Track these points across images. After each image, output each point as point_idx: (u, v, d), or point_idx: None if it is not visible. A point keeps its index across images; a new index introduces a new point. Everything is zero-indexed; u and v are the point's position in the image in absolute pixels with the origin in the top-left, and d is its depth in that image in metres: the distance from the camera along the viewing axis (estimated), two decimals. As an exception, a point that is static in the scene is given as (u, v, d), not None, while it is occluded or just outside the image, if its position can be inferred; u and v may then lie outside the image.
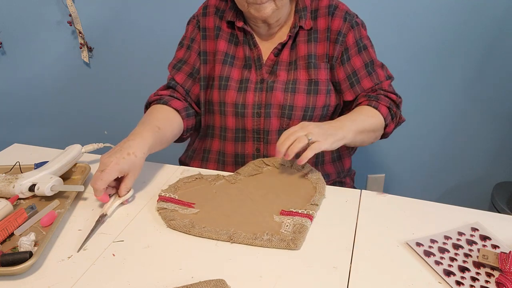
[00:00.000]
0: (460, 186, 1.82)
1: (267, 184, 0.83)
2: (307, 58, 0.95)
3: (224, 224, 0.71)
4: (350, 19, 0.96)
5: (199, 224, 0.71)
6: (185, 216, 0.74)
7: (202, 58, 1.01)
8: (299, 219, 0.70)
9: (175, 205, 0.77)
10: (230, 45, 1.00)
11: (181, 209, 0.76)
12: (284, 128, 0.95)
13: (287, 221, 0.71)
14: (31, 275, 0.63)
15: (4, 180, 0.82)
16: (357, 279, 0.60)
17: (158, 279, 0.61)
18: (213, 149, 1.04)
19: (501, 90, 1.59)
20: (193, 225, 0.71)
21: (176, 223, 0.71)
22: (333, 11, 0.96)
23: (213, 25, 1.01)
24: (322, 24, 0.96)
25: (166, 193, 0.80)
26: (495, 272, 0.60)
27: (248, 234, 0.68)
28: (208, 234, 0.69)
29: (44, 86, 1.75)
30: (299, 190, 0.80)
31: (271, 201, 0.77)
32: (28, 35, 1.65)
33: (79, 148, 0.92)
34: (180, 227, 0.71)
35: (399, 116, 0.98)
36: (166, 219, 0.73)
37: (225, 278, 0.60)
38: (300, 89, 0.94)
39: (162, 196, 0.79)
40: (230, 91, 0.96)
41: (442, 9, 1.45)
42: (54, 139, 1.83)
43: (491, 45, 1.50)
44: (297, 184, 0.82)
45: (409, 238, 0.67)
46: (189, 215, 0.74)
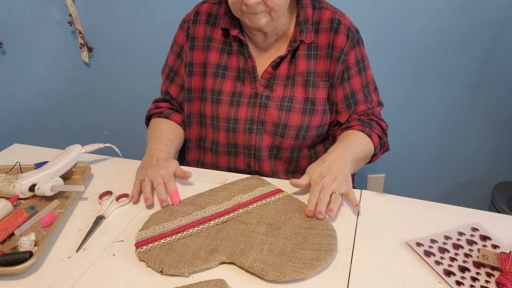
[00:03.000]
0: (460, 186, 1.82)
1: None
2: (305, 75, 0.91)
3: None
4: (352, 37, 0.92)
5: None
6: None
7: (187, 70, 0.98)
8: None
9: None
10: (222, 55, 0.95)
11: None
12: (276, 145, 0.94)
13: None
14: (31, 275, 0.63)
15: (4, 180, 0.82)
16: (357, 279, 0.60)
17: (158, 279, 0.61)
18: (206, 161, 1.02)
19: (501, 91, 1.59)
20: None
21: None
22: (336, 26, 0.91)
23: (203, 34, 0.96)
24: (323, 40, 0.92)
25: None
26: (495, 272, 0.60)
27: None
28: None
29: (44, 86, 1.76)
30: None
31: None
32: (28, 35, 1.65)
33: (79, 148, 0.92)
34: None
35: (386, 145, 0.98)
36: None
37: (225, 278, 0.60)
38: (296, 108, 0.91)
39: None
40: (222, 106, 0.93)
41: (442, 10, 1.45)
42: (54, 139, 1.83)
43: (491, 45, 1.50)
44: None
45: (409, 238, 0.67)
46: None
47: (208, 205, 0.77)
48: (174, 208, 0.77)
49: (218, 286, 0.58)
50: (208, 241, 0.67)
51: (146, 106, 1.08)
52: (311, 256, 0.62)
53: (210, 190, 0.82)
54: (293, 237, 0.67)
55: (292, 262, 0.61)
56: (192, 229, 0.70)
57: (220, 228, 0.70)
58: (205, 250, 0.65)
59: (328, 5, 0.95)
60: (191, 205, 0.77)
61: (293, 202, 0.77)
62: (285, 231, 0.68)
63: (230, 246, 0.65)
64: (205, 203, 0.78)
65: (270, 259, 0.62)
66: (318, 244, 0.64)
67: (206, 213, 0.75)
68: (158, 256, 0.64)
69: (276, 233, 0.68)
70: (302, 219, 0.72)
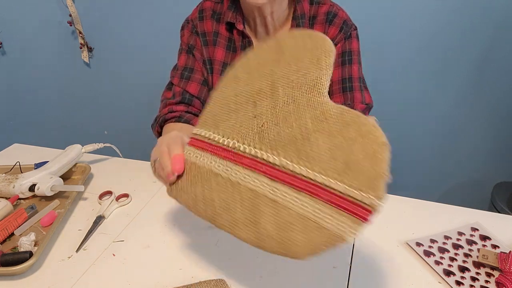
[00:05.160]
0: (460, 186, 1.82)
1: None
2: None
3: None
4: (346, 30, 0.89)
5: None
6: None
7: (208, 67, 0.92)
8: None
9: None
10: (228, 53, 0.93)
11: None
12: None
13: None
14: (31, 275, 0.63)
15: (4, 180, 0.82)
16: (357, 279, 0.60)
17: (158, 279, 0.61)
18: None
19: (501, 90, 1.59)
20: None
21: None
22: (331, 18, 0.90)
23: (211, 29, 0.94)
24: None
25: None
26: (495, 272, 0.60)
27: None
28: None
29: (44, 86, 1.76)
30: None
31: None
32: (28, 35, 1.65)
33: (79, 148, 0.92)
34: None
35: None
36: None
37: (225, 278, 0.60)
38: None
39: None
40: None
41: (443, 9, 1.45)
42: (54, 139, 1.83)
43: (491, 45, 1.50)
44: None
45: (409, 238, 0.67)
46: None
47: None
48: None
49: (218, 286, 0.58)
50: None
51: (146, 106, 1.08)
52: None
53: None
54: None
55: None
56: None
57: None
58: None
59: (326, 0, 0.93)
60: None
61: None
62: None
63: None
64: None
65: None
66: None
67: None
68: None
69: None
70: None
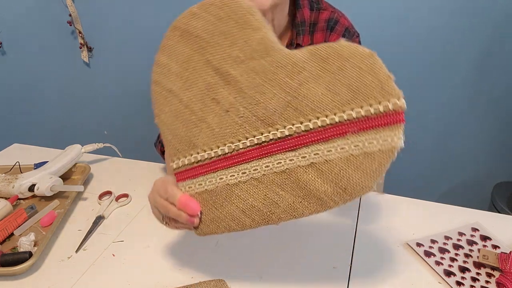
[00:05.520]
0: (460, 186, 1.82)
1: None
2: None
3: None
4: (348, 38, 0.85)
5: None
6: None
7: None
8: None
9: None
10: None
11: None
12: None
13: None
14: (31, 275, 0.63)
15: (4, 180, 0.82)
16: (357, 279, 0.60)
17: (158, 279, 0.61)
18: None
19: (501, 90, 1.58)
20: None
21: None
22: (332, 25, 0.86)
23: None
24: (318, 39, 0.86)
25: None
26: (495, 273, 0.59)
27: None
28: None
29: (44, 86, 1.75)
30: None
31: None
32: (28, 35, 1.65)
33: (79, 148, 0.91)
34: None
35: None
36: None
37: (225, 278, 0.60)
38: None
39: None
40: None
41: (442, 8, 1.45)
42: (54, 139, 1.83)
43: (492, 44, 1.50)
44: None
45: (410, 238, 0.67)
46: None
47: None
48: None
49: (218, 286, 0.58)
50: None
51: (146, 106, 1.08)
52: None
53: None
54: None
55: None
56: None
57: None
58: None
59: (328, 6, 0.90)
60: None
61: None
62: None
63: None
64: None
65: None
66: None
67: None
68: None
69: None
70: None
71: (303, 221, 0.71)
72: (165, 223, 0.55)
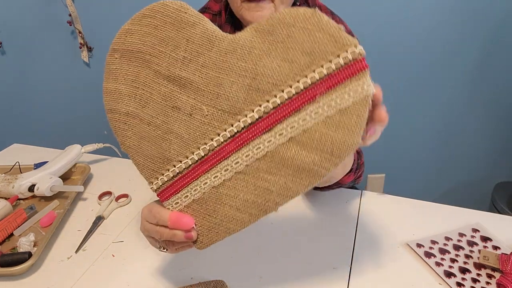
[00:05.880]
0: (460, 186, 1.82)
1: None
2: None
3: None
4: None
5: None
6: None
7: None
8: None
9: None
10: None
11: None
12: None
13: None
14: (30, 276, 0.63)
15: (3, 180, 0.82)
16: (357, 280, 0.59)
17: (158, 280, 0.61)
18: None
19: (501, 90, 1.58)
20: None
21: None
22: None
23: None
24: None
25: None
26: (496, 274, 0.59)
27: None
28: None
29: (44, 86, 1.75)
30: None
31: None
32: (28, 35, 1.65)
33: (79, 148, 0.91)
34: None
35: (360, 172, 0.76)
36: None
37: (225, 279, 0.60)
38: None
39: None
40: None
41: (442, 8, 1.45)
42: (54, 139, 1.83)
43: (492, 44, 1.50)
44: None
45: (410, 239, 0.67)
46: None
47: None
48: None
49: (217, 287, 0.58)
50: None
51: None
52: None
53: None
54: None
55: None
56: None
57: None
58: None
59: (326, 9, 0.88)
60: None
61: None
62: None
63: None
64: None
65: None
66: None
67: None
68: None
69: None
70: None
71: (303, 221, 0.72)
72: (164, 250, 0.52)
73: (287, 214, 0.74)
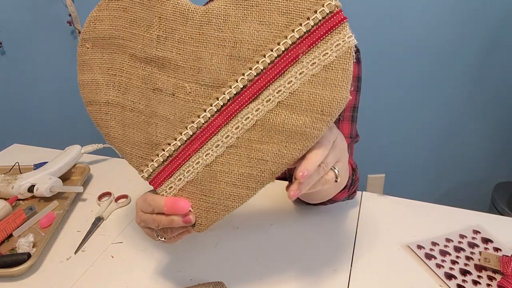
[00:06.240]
0: (460, 186, 1.82)
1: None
2: None
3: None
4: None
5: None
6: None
7: None
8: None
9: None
10: None
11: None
12: None
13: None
14: (29, 277, 0.62)
15: (3, 180, 0.82)
16: (357, 282, 0.59)
17: (157, 281, 0.61)
18: None
19: (501, 91, 1.58)
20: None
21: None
22: None
23: None
24: None
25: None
26: (497, 276, 0.59)
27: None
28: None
29: (44, 86, 1.75)
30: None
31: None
32: (28, 35, 1.65)
33: (78, 148, 0.91)
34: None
35: (355, 187, 0.73)
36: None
37: (224, 280, 0.59)
38: None
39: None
40: None
41: (442, 8, 1.44)
42: (54, 139, 1.82)
43: (492, 45, 1.50)
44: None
45: (410, 240, 0.67)
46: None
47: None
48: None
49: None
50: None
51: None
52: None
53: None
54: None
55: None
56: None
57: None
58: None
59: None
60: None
61: None
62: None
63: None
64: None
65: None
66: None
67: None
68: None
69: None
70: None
71: (303, 223, 0.71)
72: (162, 239, 0.50)
73: (287, 216, 0.74)
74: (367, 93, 0.97)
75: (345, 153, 0.50)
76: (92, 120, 0.50)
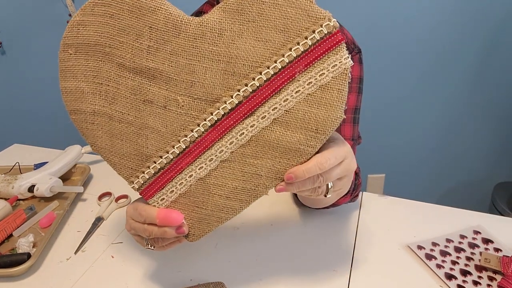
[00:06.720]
0: (460, 186, 1.82)
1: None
2: None
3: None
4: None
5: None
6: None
7: None
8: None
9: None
10: None
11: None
12: None
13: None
14: (29, 277, 0.62)
15: (3, 180, 0.82)
16: (358, 282, 0.59)
17: (157, 281, 0.61)
18: None
19: (501, 91, 1.58)
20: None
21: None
22: None
23: None
24: None
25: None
26: (497, 276, 0.59)
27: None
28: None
29: (44, 86, 1.75)
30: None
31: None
32: (28, 35, 1.65)
33: (79, 148, 0.91)
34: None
35: (358, 191, 0.73)
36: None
37: (224, 281, 0.59)
38: None
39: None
40: None
41: (442, 8, 1.44)
42: (54, 139, 1.82)
43: (492, 45, 1.50)
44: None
45: (411, 241, 0.67)
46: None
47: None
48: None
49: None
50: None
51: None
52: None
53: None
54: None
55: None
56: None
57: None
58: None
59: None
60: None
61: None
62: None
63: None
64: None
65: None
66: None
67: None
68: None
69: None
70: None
71: (303, 223, 0.71)
72: (151, 247, 0.49)
73: (287, 216, 0.73)
74: (367, 93, 0.97)
75: (351, 175, 0.50)
76: (77, 129, 0.49)
